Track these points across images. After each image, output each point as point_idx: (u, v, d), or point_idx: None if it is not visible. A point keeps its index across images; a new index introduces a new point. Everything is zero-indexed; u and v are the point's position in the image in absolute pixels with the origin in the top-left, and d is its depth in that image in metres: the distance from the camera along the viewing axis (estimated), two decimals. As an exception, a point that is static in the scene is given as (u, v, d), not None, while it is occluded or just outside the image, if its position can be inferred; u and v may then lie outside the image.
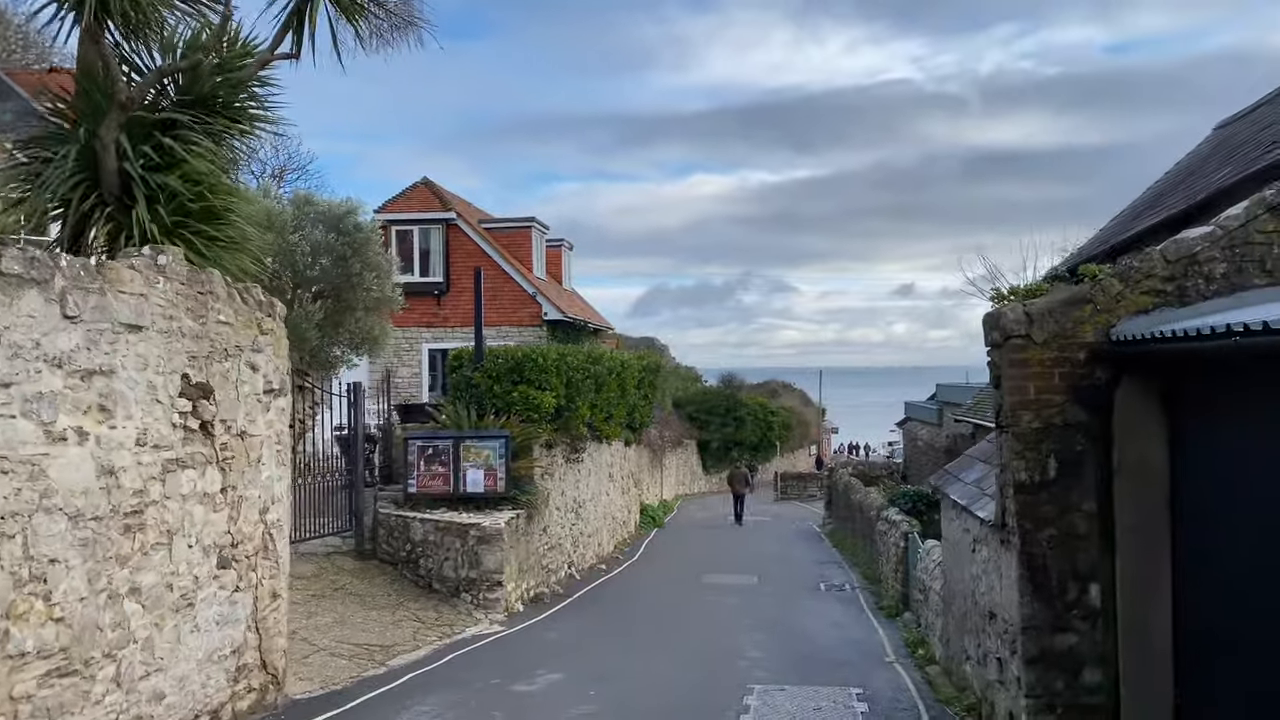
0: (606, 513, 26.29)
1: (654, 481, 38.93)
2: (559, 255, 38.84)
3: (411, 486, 17.66)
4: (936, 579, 13.41)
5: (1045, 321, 8.31)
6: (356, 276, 20.59)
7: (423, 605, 15.92)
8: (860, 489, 27.58)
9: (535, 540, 18.62)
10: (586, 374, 20.49)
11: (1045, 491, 8.22)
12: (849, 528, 27.96)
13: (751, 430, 56.97)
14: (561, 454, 20.72)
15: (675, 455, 45.90)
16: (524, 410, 18.72)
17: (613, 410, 24.49)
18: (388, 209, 33.51)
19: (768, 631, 15.69)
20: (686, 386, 61.80)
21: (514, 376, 18.88)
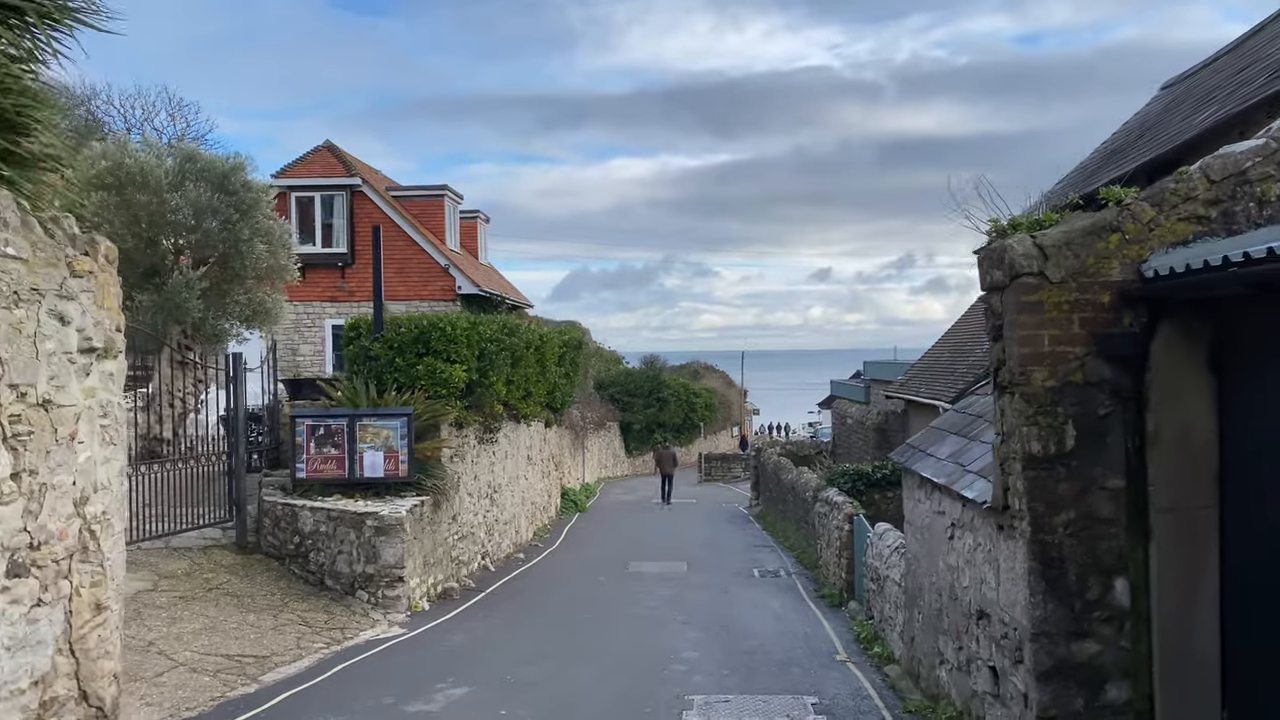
0: (525, 498, 24.38)
1: (576, 464, 37.09)
2: (474, 228, 36.65)
3: (300, 471, 15.52)
4: (894, 567, 11.83)
5: (1062, 256, 6.66)
6: (245, 242, 18.38)
7: (311, 606, 13.85)
8: (791, 469, 26.12)
9: (443, 530, 16.63)
10: (501, 346, 18.52)
11: (1061, 466, 6.59)
12: (779, 510, 26.50)
13: (675, 411, 55.45)
14: (474, 434, 18.73)
15: (598, 437, 44.11)
16: (430, 386, 16.69)
17: (531, 388, 22.56)
18: (287, 174, 30.98)
19: (703, 627, 13.99)
20: (609, 368, 60.03)
21: (419, 348, 16.83)
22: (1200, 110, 12.87)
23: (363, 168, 32.80)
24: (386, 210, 31.06)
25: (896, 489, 18.93)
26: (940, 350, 27.58)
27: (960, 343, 26.45)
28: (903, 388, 27.27)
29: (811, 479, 21.76)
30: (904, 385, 27.35)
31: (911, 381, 27.14)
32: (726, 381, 74.57)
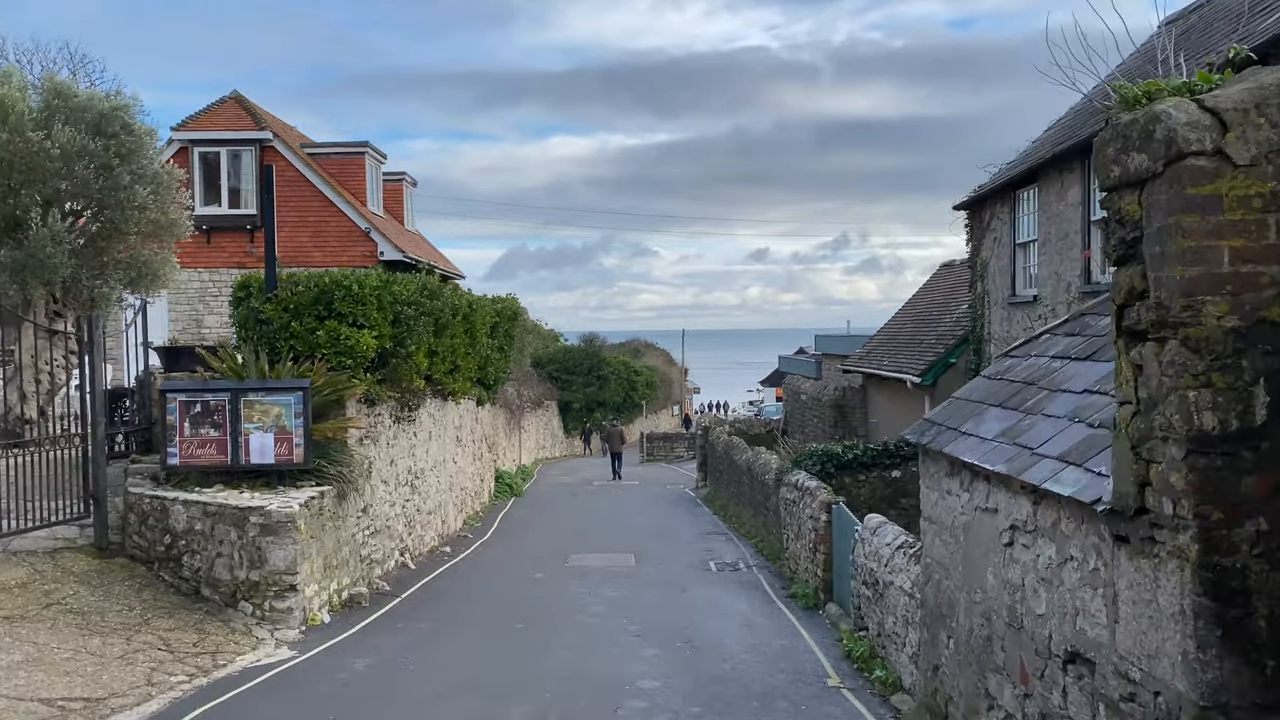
0: (454, 483, 21.71)
1: (511, 445, 34.44)
2: (399, 191, 33.64)
3: (173, 457, 12.72)
4: (900, 572, 9.48)
5: (1251, 125, 4.25)
6: (126, 191, 15.46)
7: (180, 624, 11.12)
8: (744, 449, 23.79)
9: (350, 525, 13.94)
10: (421, 310, 15.81)
11: (1247, 449, 4.21)
12: (732, 493, 24.18)
13: (615, 390, 53.01)
14: (389, 412, 16.02)
15: (535, 417, 41.46)
16: (334, 355, 13.96)
17: (460, 361, 19.87)
18: (188, 126, 27.74)
19: (661, 641, 11.54)
20: (546, 345, 57.36)
21: (319, 310, 14.07)
22: (1257, 19, 10.65)
23: (275, 122, 29.62)
24: (301, 168, 28.01)
25: (870, 472, 16.69)
26: (900, 323, 25.48)
27: (924, 313, 24.34)
28: (862, 361, 25.11)
29: (772, 460, 19.43)
30: (863, 359, 25.18)
31: (871, 355, 24.99)
32: (667, 360, 72.32)
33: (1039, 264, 14.02)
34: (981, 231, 16.71)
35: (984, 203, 16.42)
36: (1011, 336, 15.36)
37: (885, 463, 16.95)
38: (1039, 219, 14.12)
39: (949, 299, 23.45)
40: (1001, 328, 15.81)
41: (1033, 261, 14.80)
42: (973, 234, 17.22)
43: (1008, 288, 15.41)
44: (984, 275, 16.68)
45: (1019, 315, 14.97)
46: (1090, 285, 12.37)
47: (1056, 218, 13.40)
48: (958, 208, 17.37)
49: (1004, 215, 15.60)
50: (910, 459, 17.11)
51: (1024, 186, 14.89)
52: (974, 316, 17.31)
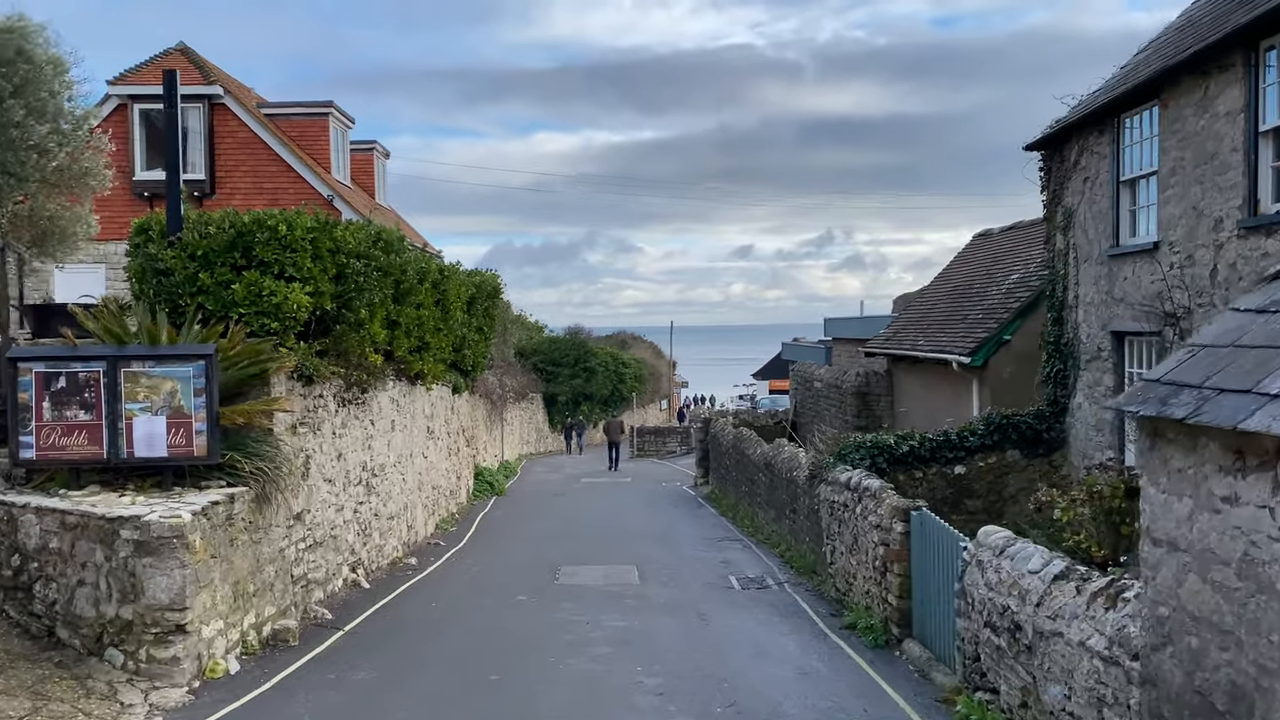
0: (424, 481, 18.28)
1: (493, 439, 31.00)
2: (370, 162, 30.13)
3: (27, 449, 9.26)
4: (1082, 623, 6.12)
5: None
6: (18, 129, 12.11)
7: (13, 684, 7.66)
8: (757, 442, 20.47)
9: (277, 537, 10.50)
10: (375, 266, 12.38)
11: None
12: (743, 491, 20.84)
13: (603, 382, 49.59)
14: (335, 394, 12.57)
15: (519, 409, 38.01)
16: (256, 315, 10.52)
17: (430, 338, 16.46)
18: (127, 80, 24.14)
19: (693, 704, 8.16)
20: (531, 336, 53.92)
21: (237, 257, 10.63)
22: None
23: (227, 78, 26.05)
24: (256, 129, 24.49)
25: (928, 468, 13.44)
26: (932, 299, 22.18)
27: (962, 287, 21.05)
28: (888, 343, 21.79)
29: (799, 455, 16.08)
30: (890, 340, 21.87)
31: (899, 336, 21.68)
32: (655, 352, 68.95)
33: (1164, 201, 10.73)
34: (1064, 173, 13.42)
35: (1068, 138, 13.13)
36: (1113, 297, 12.07)
37: (947, 456, 13.65)
38: (1161, 144, 10.83)
39: (992, 269, 20.17)
40: (1096, 289, 12.53)
41: (1147, 200, 11.50)
42: (1050, 178, 13.92)
43: (1107, 237, 12.12)
44: (1067, 226, 13.39)
45: (1126, 270, 11.68)
46: (1258, 218, 9.08)
47: (1193, 138, 10.12)
48: (1030, 147, 14.07)
49: (1100, 148, 12.31)
50: (976, 451, 13.81)
51: (1133, 109, 11.60)
52: (1052, 278, 14.01)
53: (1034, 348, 17.22)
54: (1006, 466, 13.82)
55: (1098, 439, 12.64)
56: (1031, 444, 13.80)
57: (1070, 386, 13.43)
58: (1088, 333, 12.86)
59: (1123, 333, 11.96)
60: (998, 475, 13.82)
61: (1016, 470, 13.82)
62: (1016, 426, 13.77)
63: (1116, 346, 12.13)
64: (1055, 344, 13.75)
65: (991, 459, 13.80)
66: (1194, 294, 10.09)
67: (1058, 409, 13.76)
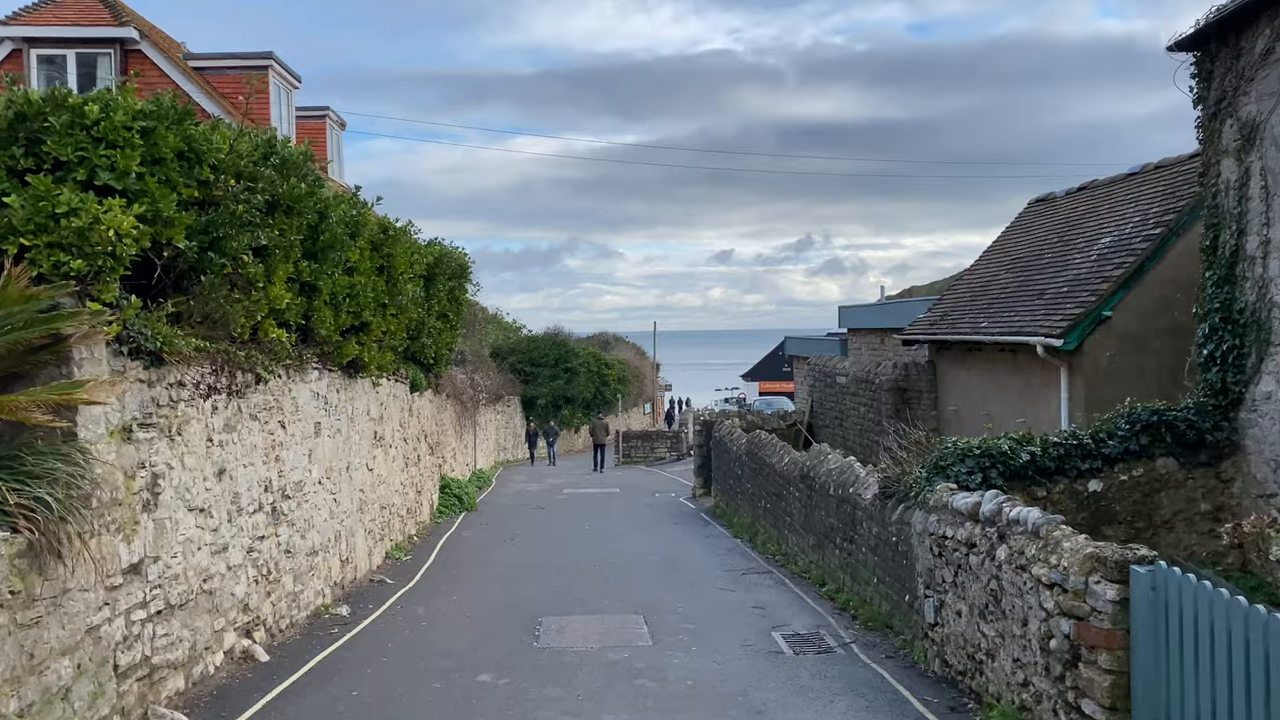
0: (369, 500, 14.15)
1: (464, 446, 26.82)
2: (321, 131, 25.95)
3: None
4: None
5: None
6: None
7: None
8: (779, 446, 16.44)
9: (80, 610, 6.33)
10: (269, 195, 8.25)
11: None
12: (763, 508, 16.82)
13: (585, 384, 45.47)
14: (203, 381, 8.33)
15: (494, 412, 33.85)
16: (47, 249, 6.35)
17: (367, 314, 12.38)
18: (21, 20, 19.88)
19: None
20: (508, 335, 49.80)
21: (16, 155, 6.46)
22: None
23: (146, 24, 21.80)
24: (181, 81, 20.25)
25: (1052, 483, 9.45)
26: (986, 275, 18.25)
27: (1025, 258, 17.14)
28: (934, 328, 17.84)
29: (855, 466, 12.05)
30: (936, 325, 17.92)
31: (949, 318, 17.73)
32: (638, 354, 64.84)
33: None
34: (1241, 72, 9.51)
35: (1252, 18, 9.21)
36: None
37: (1079, 467, 9.65)
38: None
39: (1067, 235, 16.24)
40: (1307, 227, 8.60)
41: None
42: (1213, 85, 9.99)
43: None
44: (1247, 146, 9.46)
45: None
46: None
47: None
48: (1179, 47, 10.15)
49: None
50: (1116, 460, 9.82)
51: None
52: (1213, 223, 10.04)
53: (1142, 327, 13.33)
54: (1158, 481, 9.84)
55: (1307, 442, 8.70)
56: (1191, 450, 9.84)
57: (1253, 370, 9.48)
58: (1290, 291, 8.91)
59: (1366, 286, 8.03)
60: (1146, 493, 9.84)
61: (1171, 486, 9.84)
62: (1171, 426, 9.79)
63: (1352, 307, 8.19)
64: (1224, 311, 9.79)
65: (1137, 470, 9.82)
66: None
67: (1228, 401, 9.80)
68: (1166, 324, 13.24)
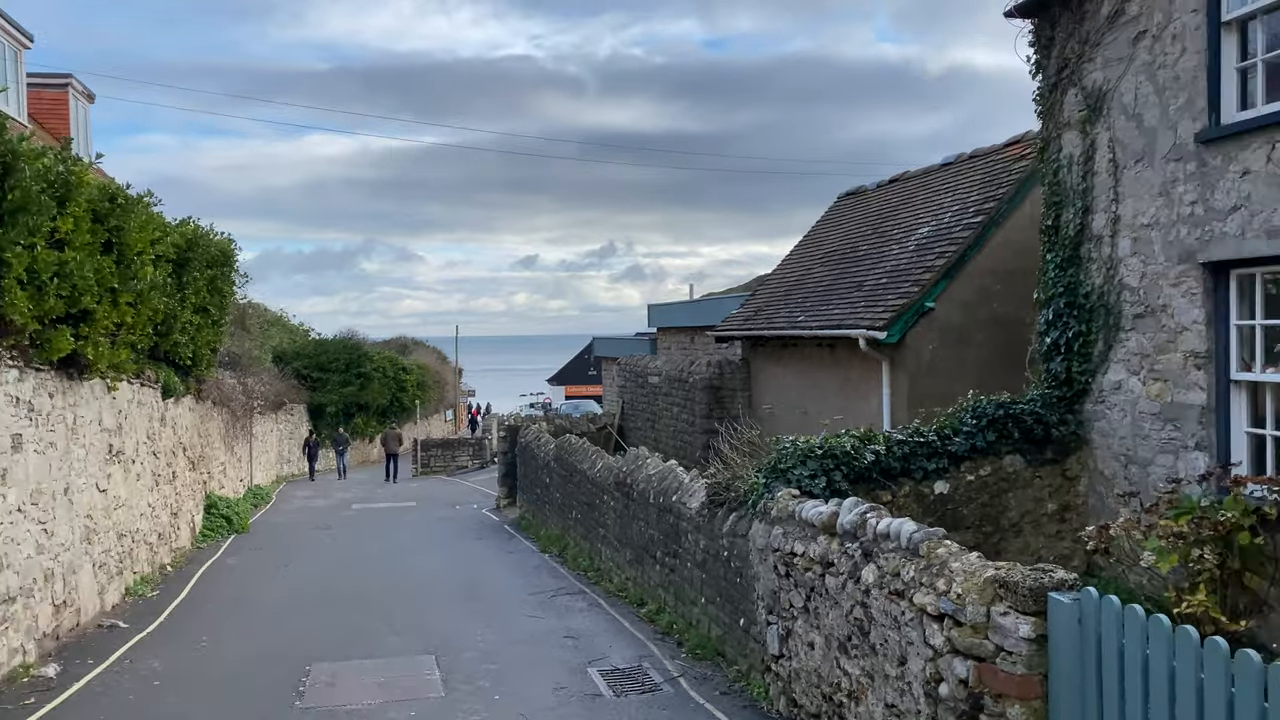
0: (100, 528, 11.59)
1: (236, 460, 23.84)
2: (62, 102, 22.40)
3: None
4: None
5: None
6: None
7: None
8: (592, 452, 14.97)
9: None
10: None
11: None
12: (571, 518, 15.29)
13: (380, 390, 42.55)
14: None
15: (274, 422, 30.70)
16: None
17: (88, 300, 9.95)
18: None
19: None
20: (295, 339, 46.06)
21: None
22: None
23: None
24: None
25: (898, 485, 8.42)
26: (798, 269, 17.45)
27: (840, 250, 16.43)
28: (749, 323, 16.86)
29: (678, 471, 10.70)
30: (751, 320, 16.95)
31: (764, 313, 16.80)
32: (439, 358, 61.98)
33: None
34: (1084, 37, 8.79)
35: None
36: (1209, 209, 7.42)
37: (925, 467, 8.64)
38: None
39: (882, 227, 15.62)
40: (1165, 202, 7.89)
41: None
42: (1053, 52, 9.25)
43: (1194, 115, 7.51)
44: (1092, 117, 8.74)
45: (1246, 158, 7.04)
46: None
47: None
48: (1015, 13, 9.38)
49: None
50: (963, 458, 8.88)
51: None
52: (1058, 200, 9.30)
53: (964, 319, 12.72)
54: (1005, 480, 8.99)
55: (1161, 435, 7.99)
56: (1037, 446, 9.04)
57: (1100, 358, 8.76)
58: (1142, 273, 8.20)
59: (1229, 263, 7.33)
60: (994, 494, 8.96)
61: (1019, 485, 9.01)
62: (1018, 420, 8.95)
63: (1213, 288, 7.50)
64: (1069, 296, 9.05)
65: (985, 470, 8.92)
66: None
67: (1073, 393, 9.06)
68: (987, 315, 12.73)
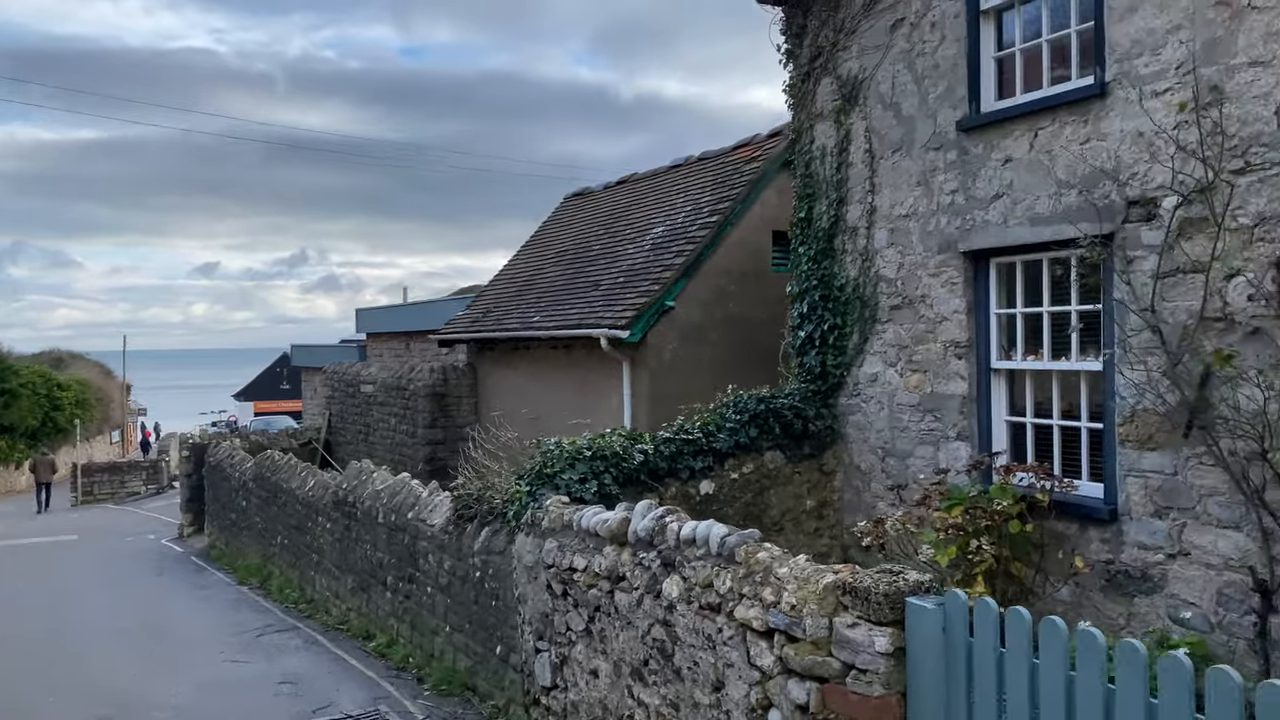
0: None
1: None
2: None
3: None
4: None
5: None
6: None
7: None
8: (301, 469, 13.23)
9: None
10: None
11: None
12: (277, 544, 13.45)
13: (29, 409, 36.92)
14: None
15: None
16: None
17: None
18: None
19: None
20: (-86, 353, 38.96)
21: None
22: None
23: None
24: None
25: (665, 486, 7.81)
26: (528, 270, 16.60)
27: (575, 250, 15.80)
28: (478, 325, 15.76)
29: (411, 483, 9.46)
30: (480, 322, 15.85)
31: (493, 316, 15.77)
32: (104, 373, 54.96)
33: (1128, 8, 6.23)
34: (840, 25, 8.63)
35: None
36: (971, 197, 7.41)
37: (691, 466, 8.05)
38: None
39: (614, 227, 15.14)
40: (924, 191, 7.82)
41: (1048, 28, 6.97)
42: (805, 39, 9.05)
43: (954, 104, 7.47)
44: (847, 107, 8.59)
45: (1009, 146, 7.06)
46: None
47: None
48: (767, 0, 9.12)
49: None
50: (727, 456, 8.40)
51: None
52: (811, 192, 9.09)
53: (702, 318, 12.51)
54: (768, 478, 8.61)
55: (920, 426, 7.92)
56: (796, 441, 8.75)
57: (855, 350, 8.61)
58: (900, 264, 8.11)
59: (990, 252, 7.34)
60: (757, 492, 8.55)
61: (780, 482, 8.67)
62: (779, 414, 8.62)
63: (973, 277, 7.49)
64: (824, 289, 8.86)
65: (748, 467, 8.50)
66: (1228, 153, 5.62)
67: (828, 387, 8.87)
68: (722, 315, 12.60)
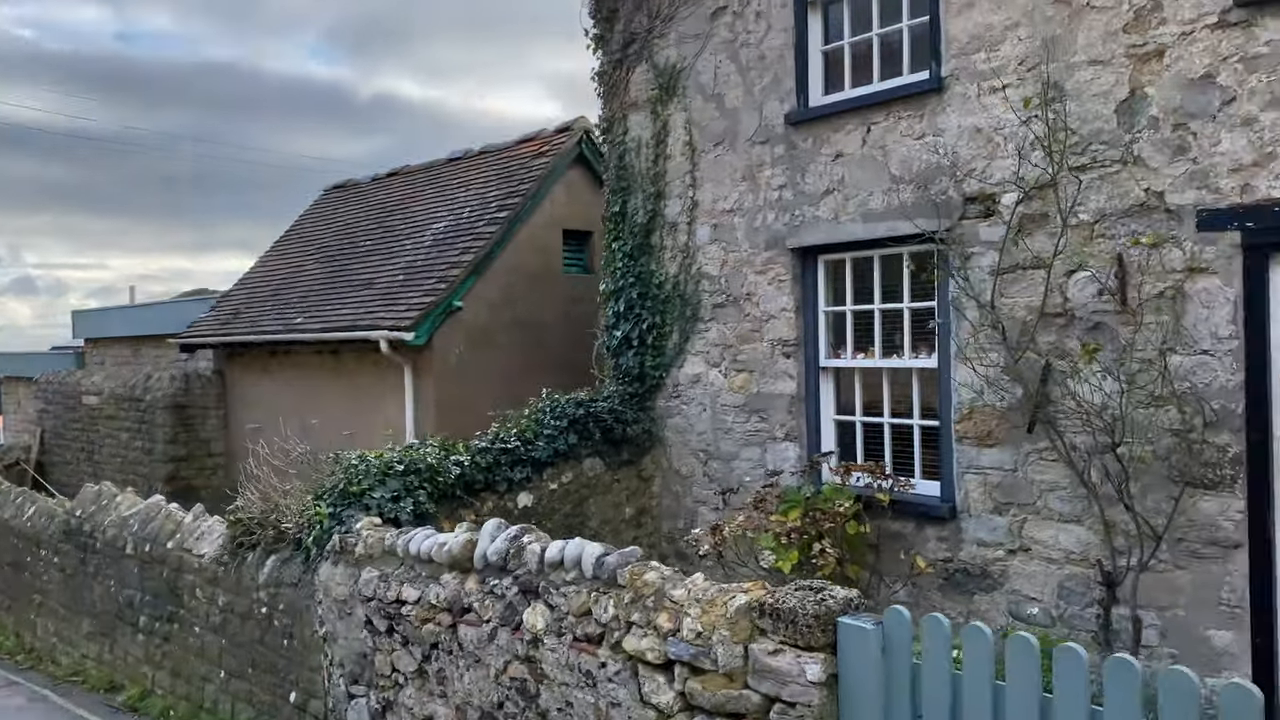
0: None
1: None
2: None
3: None
4: None
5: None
6: None
7: None
8: (16, 496, 11.15)
9: None
10: None
11: None
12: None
13: None
14: None
15: None
16: None
17: None
18: None
19: None
20: None
21: None
22: None
23: None
24: None
25: (482, 500, 7.18)
26: (278, 269, 15.06)
27: (340, 247, 14.50)
28: (229, 328, 14.06)
29: (184, 518, 8.09)
30: (231, 324, 14.15)
31: (246, 317, 14.13)
32: None
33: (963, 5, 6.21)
34: (656, 10, 8.22)
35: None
36: (799, 193, 7.23)
37: (509, 478, 7.32)
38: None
39: (388, 221, 13.99)
40: (748, 187, 7.56)
41: (880, 20, 6.88)
42: (617, 24, 8.57)
43: (782, 97, 7.24)
44: (664, 98, 8.19)
45: (840, 141, 6.92)
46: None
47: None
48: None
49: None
50: (545, 465, 7.76)
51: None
52: (625, 186, 8.61)
53: (490, 320, 11.81)
54: (586, 486, 8.05)
55: (746, 427, 7.66)
56: (615, 446, 8.26)
57: (675, 350, 8.24)
58: (723, 260, 7.82)
59: (819, 248, 7.18)
60: (577, 502, 7.97)
61: (600, 491, 8.14)
62: (598, 419, 8.08)
63: (802, 274, 7.30)
64: (642, 287, 8.43)
65: (567, 476, 7.89)
66: (1069, 149, 5.71)
67: (645, 389, 8.45)
68: (511, 317, 11.95)
